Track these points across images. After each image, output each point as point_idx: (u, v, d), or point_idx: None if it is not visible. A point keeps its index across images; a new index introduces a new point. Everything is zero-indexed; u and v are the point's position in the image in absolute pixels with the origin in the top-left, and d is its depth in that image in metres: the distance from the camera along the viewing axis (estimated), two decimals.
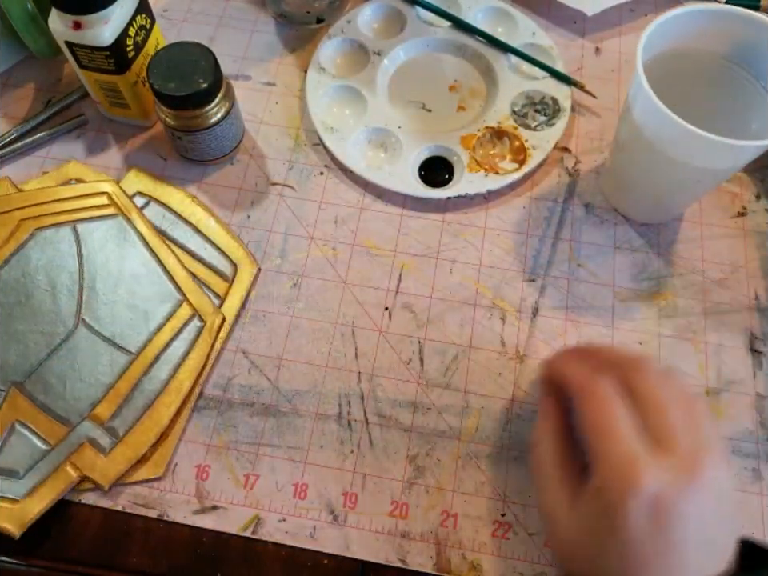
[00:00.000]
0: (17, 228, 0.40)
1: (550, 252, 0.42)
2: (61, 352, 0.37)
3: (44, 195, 0.41)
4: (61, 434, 0.36)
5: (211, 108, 0.40)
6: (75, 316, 0.38)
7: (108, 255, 0.40)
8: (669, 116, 0.32)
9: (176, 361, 0.37)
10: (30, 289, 0.39)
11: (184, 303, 0.39)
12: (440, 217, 0.43)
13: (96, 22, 0.38)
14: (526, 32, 0.49)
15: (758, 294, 0.41)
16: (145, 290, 0.39)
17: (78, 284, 0.39)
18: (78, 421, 0.36)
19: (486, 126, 0.45)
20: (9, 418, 0.36)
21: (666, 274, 0.41)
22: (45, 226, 0.40)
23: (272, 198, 0.44)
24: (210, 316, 0.39)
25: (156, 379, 0.37)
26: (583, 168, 0.45)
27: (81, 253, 0.40)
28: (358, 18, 0.49)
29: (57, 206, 0.41)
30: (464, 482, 0.36)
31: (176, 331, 0.38)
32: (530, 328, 0.40)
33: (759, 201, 0.44)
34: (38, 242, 0.40)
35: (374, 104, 0.46)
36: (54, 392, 0.37)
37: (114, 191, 0.41)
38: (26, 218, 0.40)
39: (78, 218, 0.41)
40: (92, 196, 0.41)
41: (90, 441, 0.36)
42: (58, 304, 0.38)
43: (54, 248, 0.40)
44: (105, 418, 0.36)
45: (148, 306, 0.39)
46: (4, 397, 0.36)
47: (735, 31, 0.36)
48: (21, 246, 0.40)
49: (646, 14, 0.51)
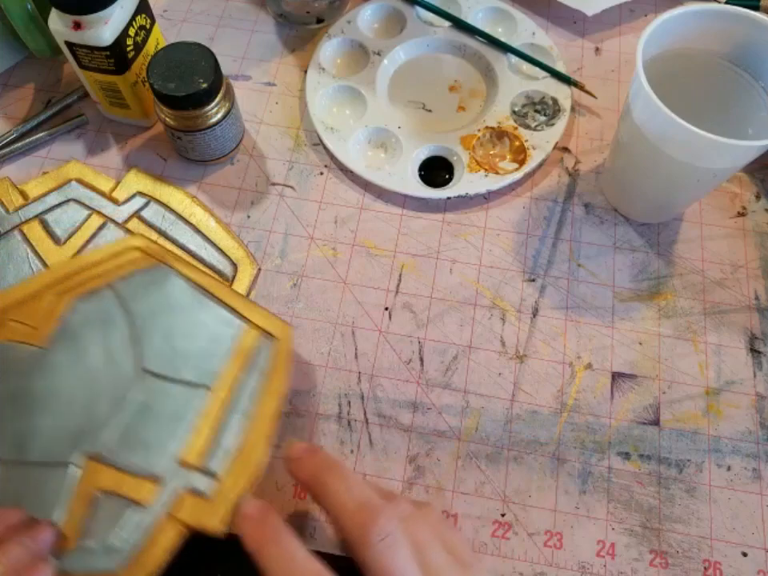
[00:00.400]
0: (54, 304, 0.37)
1: (550, 252, 0.42)
2: (131, 406, 0.34)
3: (75, 265, 0.39)
4: (153, 491, 0.32)
5: (211, 108, 0.40)
6: (137, 368, 0.35)
7: (156, 303, 0.37)
8: (669, 116, 0.32)
9: (256, 385, 0.35)
10: (84, 356, 0.36)
11: (248, 327, 0.36)
12: (440, 217, 0.43)
13: (96, 22, 0.38)
14: (526, 32, 0.49)
15: (758, 294, 0.41)
16: (204, 325, 0.36)
17: (132, 338, 0.36)
18: (169, 471, 0.33)
19: (486, 126, 0.45)
20: (89, 491, 0.32)
21: (666, 274, 0.41)
22: (83, 294, 0.37)
23: (272, 198, 0.44)
24: (280, 332, 0.36)
25: (238, 412, 0.34)
26: (583, 168, 0.45)
27: (127, 309, 0.37)
28: (357, 18, 0.49)
29: (90, 272, 0.38)
30: (464, 482, 0.36)
31: (248, 356, 0.35)
32: (529, 328, 0.40)
33: (759, 201, 0.44)
34: (80, 312, 0.37)
35: (374, 104, 0.46)
36: (133, 449, 0.33)
37: (146, 245, 0.39)
38: (62, 291, 0.38)
39: (115, 278, 0.38)
40: (123, 253, 0.39)
41: (187, 489, 0.32)
42: (116, 362, 0.36)
43: (99, 312, 0.37)
44: (196, 461, 0.33)
45: (212, 339, 0.36)
46: (80, 472, 0.33)
47: (735, 31, 0.36)
48: (63, 320, 0.37)
49: (645, 14, 0.51)
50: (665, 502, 0.35)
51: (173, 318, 0.37)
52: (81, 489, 0.33)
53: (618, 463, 0.36)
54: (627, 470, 0.36)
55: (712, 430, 0.37)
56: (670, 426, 0.37)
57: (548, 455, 0.37)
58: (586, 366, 0.39)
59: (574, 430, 0.37)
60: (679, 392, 0.38)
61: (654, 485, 0.36)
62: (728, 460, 0.36)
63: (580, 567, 0.34)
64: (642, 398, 0.38)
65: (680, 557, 0.34)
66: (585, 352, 0.39)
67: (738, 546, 0.34)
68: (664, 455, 0.36)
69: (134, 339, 0.36)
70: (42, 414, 0.35)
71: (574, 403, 0.38)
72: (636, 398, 0.38)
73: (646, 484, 0.36)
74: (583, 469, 0.36)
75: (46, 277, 0.38)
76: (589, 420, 0.37)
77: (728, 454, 0.36)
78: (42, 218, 0.42)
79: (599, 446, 0.37)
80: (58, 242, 0.41)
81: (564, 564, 0.34)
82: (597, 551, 0.34)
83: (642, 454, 0.36)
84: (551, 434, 0.37)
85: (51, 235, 0.41)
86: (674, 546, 0.34)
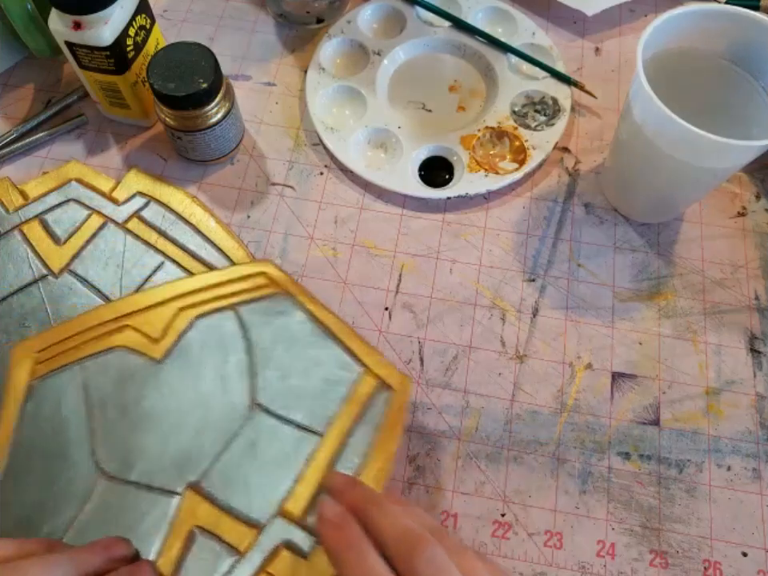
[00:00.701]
0: (175, 317, 0.37)
1: (550, 252, 0.42)
2: (238, 441, 0.33)
3: (200, 282, 0.38)
4: (250, 538, 0.31)
5: (211, 108, 0.40)
6: (250, 401, 0.34)
7: (276, 334, 0.36)
8: (669, 116, 0.32)
9: (368, 439, 0.33)
10: (198, 379, 0.35)
11: (365, 373, 0.35)
12: (440, 217, 0.43)
13: (96, 22, 0.38)
14: (526, 32, 0.49)
15: (758, 294, 0.41)
16: (321, 365, 0.35)
17: (249, 367, 0.35)
18: (269, 520, 0.31)
19: (486, 126, 0.45)
20: (187, 524, 0.32)
21: (665, 274, 0.41)
22: (205, 313, 0.37)
23: (272, 198, 0.44)
24: (398, 384, 0.35)
25: (349, 463, 0.33)
26: (583, 168, 0.45)
27: (247, 336, 0.36)
28: (357, 18, 0.49)
29: (215, 291, 0.38)
30: (464, 482, 0.36)
31: (362, 405, 0.34)
32: (529, 328, 0.40)
33: (759, 201, 0.44)
34: (200, 330, 0.36)
35: (374, 104, 0.46)
36: (236, 488, 0.32)
37: (272, 271, 0.38)
38: (184, 306, 0.37)
39: (239, 301, 0.37)
40: (249, 278, 0.38)
41: (285, 544, 0.31)
42: (230, 391, 0.35)
43: (218, 334, 0.36)
44: (299, 515, 0.32)
45: (328, 381, 0.35)
46: (180, 501, 0.32)
47: (735, 31, 0.36)
48: (182, 335, 0.36)
49: (645, 14, 0.51)
50: (665, 502, 0.35)
51: (291, 353, 0.36)
52: (179, 521, 0.32)
53: (618, 463, 0.36)
54: (627, 469, 0.36)
55: (712, 429, 0.37)
56: (670, 426, 0.37)
57: (548, 455, 0.37)
58: (586, 366, 0.39)
59: (573, 429, 0.37)
60: (679, 392, 0.38)
61: (653, 485, 0.36)
62: (728, 460, 0.36)
63: (580, 567, 0.34)
64: (642, 398, 0.38)
65: (680, 557, 0.34)
66: (585, 352, 0.39)
67: (738, 545, 0.34)
68: (664, 455, 0.36)
69: (250, 370, 0.35)
70: (150, 432, 0.34)
71: (573, 403, 0.38)
72: (636, 397, 0.38)
73: (646, 484, 0.36)
74: (583, 469, 0.36)
75: (170, 289, 0.38)
76: (589, 420, 0.37)
77: (728, 454, 0.36)
78: (42, 218, 0.42)
79: (599, 446, 0.37)
80: (58, 242, 0.41)
81: (564, 564, 0.34)
82: (597, 551, 0.34)
83: (642, 454, 0.36)
84: (551, 434, 0.37)
85: (51, 235, 0.41)
86: (673, 546, 0.34)
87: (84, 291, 0.40)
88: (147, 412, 0.34)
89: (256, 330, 0.36)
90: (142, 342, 0.36)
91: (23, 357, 0.36)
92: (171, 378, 0.35)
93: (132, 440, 0.34)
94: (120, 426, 0.34)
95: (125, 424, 0.34)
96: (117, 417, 0.34)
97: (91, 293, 0.40)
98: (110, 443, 0.34)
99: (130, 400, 0.35)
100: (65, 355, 0.36)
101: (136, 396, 0.35)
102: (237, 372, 0.35)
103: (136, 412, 0.34)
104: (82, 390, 0.35)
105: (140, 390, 0.35)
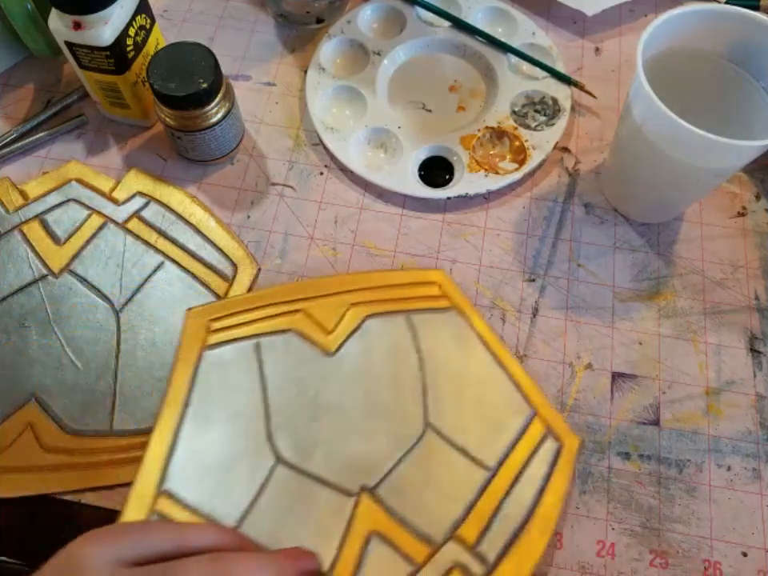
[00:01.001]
0: (346, 312, 0.36)
1: (550, 252, 0.42)
2: (412, 457, 0.33)
3: (373, 279, 0.38)
4: (424, 554, 0.31)
5: (211, 108, 0.40)
6: (422, 418, 0.34)
7: (448, 353, 0.35)
8: (669, 116, 0.32)
9: (539, 484, 0.33)
10: (372, 382, 0.35)
11: (536, 418, 0.35)
12: (440, 217, 0.43)
13: (96, 22, 0.38)
14: (526, 32, 0.49)
15: (757, 294, 0.41)
16: (493, 398, 0.35)
17: (421, 382, 0.35)
18: (443, 541, 0.32)
19: (486, 126, 0.45)
20: (365, 527, 0.32)
21: (665, 274, 0.41)
22: (377, 314, 0.37)
23: (272, 198, 0.44)
24: (567, 438, 0.35)
25: (519, 503, 0.33)
26: (583, 168, 0.45)
27: (419, 347, 0.36)
28: (357, 18, 0.49)
29: (387, 293, 0.37)
30: None
31: (532, 450, 0.34)
32: (529, 328, 0.40)
33: (759, 201, 0.44)
34: (372, 331, 0.36)
35: (374, 104, 0.46)
36: (411, 503, 0.32)
37: (443, 281, 0.38)
38: (356, 302, 0.37)
39: (411, 308, 0.37)
40: (422, 285, 0.38)
41: (459, 566, 0.31)
42: (403, 402, 0.34)
43: (391, 339, 0.36)
44: (471, 542, 0.32)
45: (499, 417, 0.34)
46: (356, 502, 0.32)
47: (735, 31, 0.36)
48: (354, 332, 0.36)
49: (645, 14, 0.51)
50: (665, 502, 0.35)
51: (463, 380, 0.35)
52: (358, 522, 0.32)
53: (618, 463, 0.36)
54: (627, 469, 0.36)
55: (712, 429, 0.37)
56: (670, 426, 0.37)
57: None
58: (586, 366, 0.39)
59: (573, 429, 0.37)
60: (679, 392, 0.38)
61: (654, 485, 0.36)
62: (728, 460, 0.36)
63: (580, 567, 0.34)
64: (642, 398, 0.38)
65: (680, 557, 0.34)
66: (585, 352, 0.39)
67: (738, 546, 0.34)
68: (664, 455, 0.36)
69: (423, 385, 0.35)
70: (327, 426, 0.34)
71: (573, 403, 0.38)
72: (636, 398, 0.38)
73: (646, 484, 0.36)
74: (583, 469, 0.36)
75: (343, 282, 0.38)
76: (589, 420, 0.37)
77: (728, 454, 0.36)
78: (42, 218, 0.42)
79: (599, 446, 0.37)
80: (58, 242, 0.41)
81: (564, 564, 0.34)
82: (597, 551, 0.34)
83: (642, 454, 0.36)
84: None
85: (51, 235, 0.41)
86: (673, 546, 0.34)
87: (84, 291, 0.40)
88: (324, 405, 0.34)
89: (428, 346, 0.36)
90: (315, 330, 0.36)
91: (196, 324, 0.36)
92: (345, 375, 0.34)
93: (310, 431, 0.34)
94: (298, 414, 0.34)
95: (303, 413, 0.34)
96: (294, 404, 0.34)
97: (91, 293, 0.40)
98: (289, 429, 0.33)
99: (306, 389, 0.34)
100: (239, 329, 0.36)
101: (312, 386, 0.34)
102: (409, 385, 0.35)
103: (315, 403, 0.34)
104: (257, 367, 0.35)
105: (315, 381, 0.34)
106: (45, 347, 0.38)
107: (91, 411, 0.37)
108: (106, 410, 0.37)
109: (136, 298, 0.40)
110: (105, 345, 0.38)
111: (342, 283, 0.38)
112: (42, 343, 0.38)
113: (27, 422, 0.36)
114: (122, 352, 0.38)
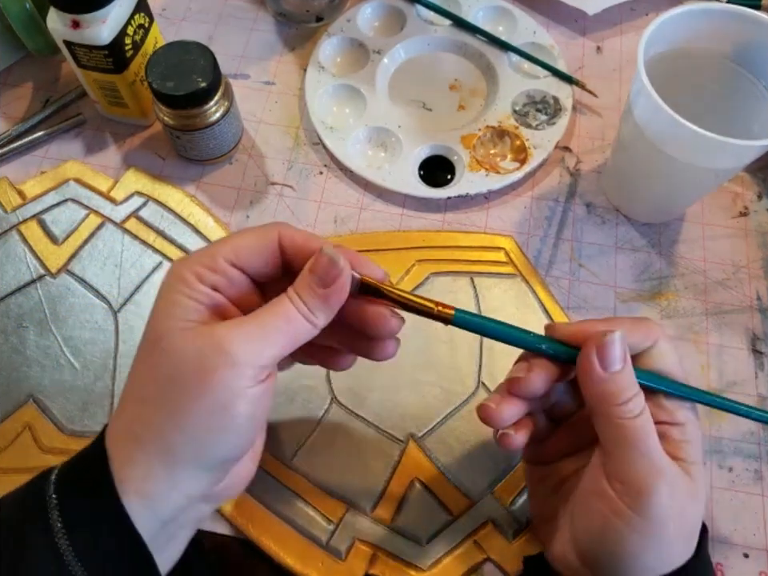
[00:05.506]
0: (412, 267, 0.38)
1: (552, 252, 0.42)
2: (461, 413, 0.34)
3: (441, 239, 0.39)
4: (463, 506, 0.33)
5: (210, 107, 0.40)
6: (476, 377, 0.35)
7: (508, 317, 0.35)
8: (671, 115, 0.32)
9: None
10: (429, 336, 0.36)
11: None
12: (440, 217, 0.43)
13: (94, 21, 0.37)
14: (527, 31, 0.49)
15: (759, 295, 0.41)
16: None
17: (478, 342, 0.36)
18: (481, 496, 0.33)
19: (487, 125, 0.45)
20: (410, 473, 0.33)
21: (667, 274, 0.41)
22: (441, 272, 0.38)
23: (271, 197, 0.44)
24: None
25: None
26: (584, 168, 0.45)
27: (480, 308, 0.37)
28: (357, 16, 0.49)
29: (454, 254, 0.39)
30: None
31: None
32: None
33: (761, 200, 0.44)
34: (435, 288, 0.37)
35: (374, 103, 0.46)
36: (455, 457, 0.34)
37: (512, 249, 0.39)
38: (422, 259, 0.38)
39: (475, 271, 0.38)
40: (489, 249, 0.39)
41: (493, 521, 0.33)
42: (458, 360, 0.35)
43: (453, 297, 0.37)
44: (507, 500, 0.33)
45: None
46: (403, 449, 0.34)
47: (737, 30, 0.36)
48: (417, 287, 0.37)
49: (647, 13, 0.51)
50: None
51: None
52: (403, 467, 0.33)
53: None
54: None
55: (714, 430, 0.37)
56: None
57: None
58: None
59: None
60: None
61: None
62: (730, 461, 0.36)
63: None
64: None
65: None
66: None
67: (739, 547, 0.34)
68: None
69: (480, 345, 0.36)
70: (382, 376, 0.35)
71: None
72: None
73: None
74: None
75: (411, 239, 0.39)
76: None
77: (730, 455, 0.36)
78: (40, 218, 0.42)
79: None
80: (56, 242, 0.41)
81: None
82: None
83: None
84: None
85: (49, 235, 0.41)
86: None
87: (82, 291, 0.40)
88: None
89: (489, 308, 0.37)
90: None
91: None
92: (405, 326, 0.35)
93: (365, 378, 0.35)
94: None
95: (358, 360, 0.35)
96: None
97: (89, 293, 0.40)
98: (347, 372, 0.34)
99: None
100: None
101: None
102: (467, 342, 0.36)
103: None
104: None
105: None
106: (43, 347, 0.38)
107: (89, 412, 0.36)
108: (104, 410, 0.37)
109: (134, 298, 0.40)
110: (103, 345, 0.38)
111: (408, 239, 0.39)
112: (40, 344, 0.38)
113: (25, 423, 0.36)
114: (120, 352, 0.38)
